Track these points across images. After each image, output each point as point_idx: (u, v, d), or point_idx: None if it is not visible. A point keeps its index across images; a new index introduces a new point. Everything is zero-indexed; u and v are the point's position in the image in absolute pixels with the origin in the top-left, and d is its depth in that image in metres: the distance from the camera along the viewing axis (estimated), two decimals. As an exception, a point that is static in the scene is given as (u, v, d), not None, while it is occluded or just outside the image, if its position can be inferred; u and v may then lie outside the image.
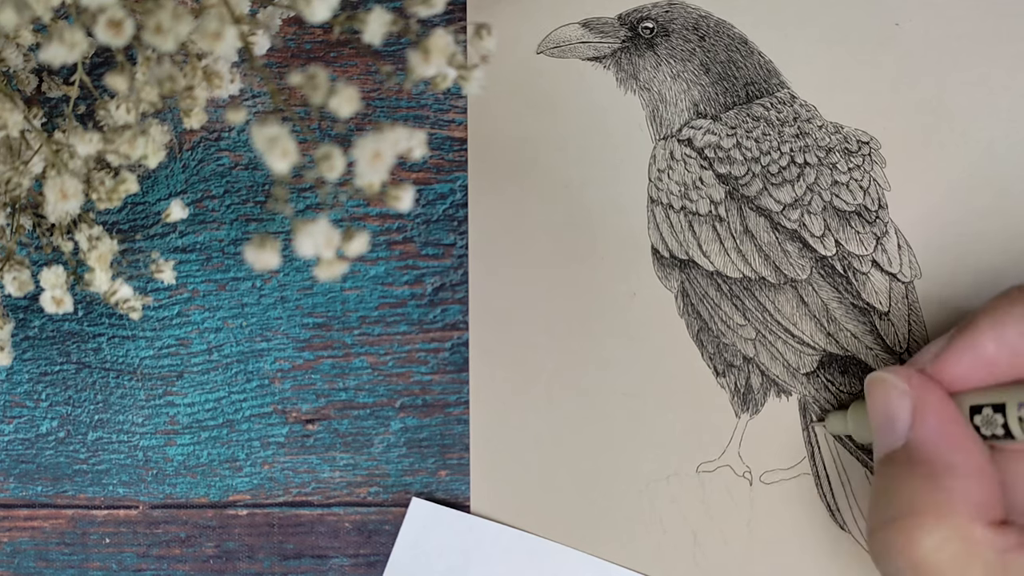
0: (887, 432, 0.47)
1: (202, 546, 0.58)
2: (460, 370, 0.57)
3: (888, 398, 0.47)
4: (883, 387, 0.48)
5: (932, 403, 0.46)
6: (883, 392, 0.48)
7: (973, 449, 0.45)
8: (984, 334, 0.46)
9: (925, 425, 0.46)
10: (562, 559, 0.55)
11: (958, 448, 0.45)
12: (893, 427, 0.47)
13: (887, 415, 0.47)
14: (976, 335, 0.47)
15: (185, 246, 0.58)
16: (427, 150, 0.41)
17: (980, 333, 0.47)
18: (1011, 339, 0.46)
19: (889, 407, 0.47)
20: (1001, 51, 0.56)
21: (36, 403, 0.59)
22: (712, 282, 0.56)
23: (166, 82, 0.43)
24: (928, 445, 0.46)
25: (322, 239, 0.39)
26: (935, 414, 0.46)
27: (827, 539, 0.55)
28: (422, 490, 0.57)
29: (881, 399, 0.48)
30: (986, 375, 0.47)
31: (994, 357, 0.46)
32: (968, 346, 0.47)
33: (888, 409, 0.47)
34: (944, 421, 0.46)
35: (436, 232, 0.58)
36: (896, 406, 0.47)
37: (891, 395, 0.47)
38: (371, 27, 0.40)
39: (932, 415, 0.46)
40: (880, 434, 0.48)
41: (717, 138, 0.56)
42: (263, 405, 0.58)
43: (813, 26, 0.57)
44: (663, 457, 0.56)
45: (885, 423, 0.47)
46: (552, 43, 0.58)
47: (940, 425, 0.46)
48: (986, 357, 0.46)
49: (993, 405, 0.45)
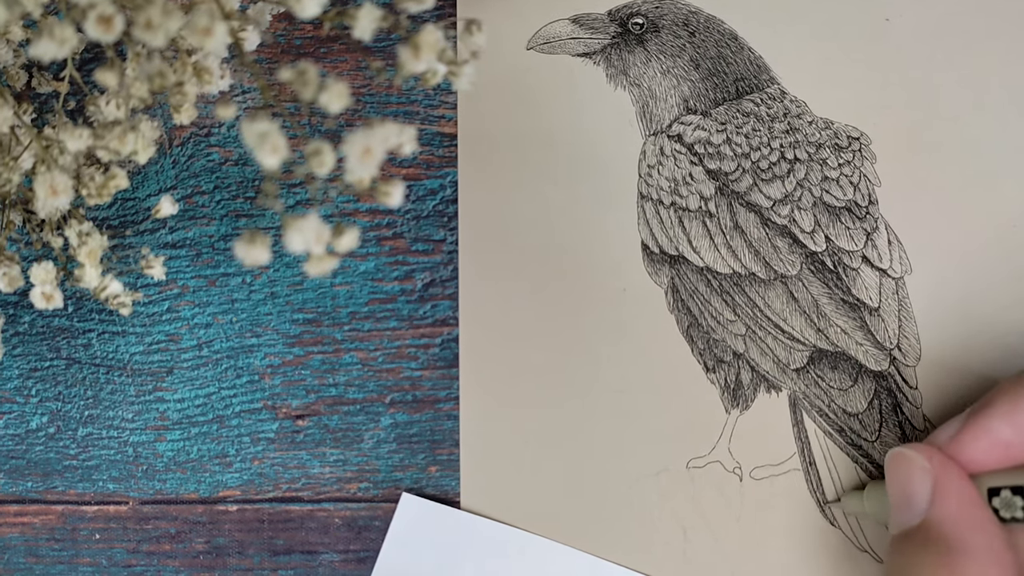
0: (905, 509, 0.47)
1: (192, 542, 0.58)
2: (450, 366, 0.57)
3: (909, 475, 0.47)
4: (905, 464, 0.48)
5: (952, 483, 0.46)
6: (904, 469, 0.48)
7: (991, 531, 0.45)
8: (1000, 418, 0.47)
9: (945, 504, 0.46)
10: (552, 555, 0.56)
11: (976, 530, 0.45)
12: (911, 504, 0.47)
13: (906, 492, 0.47)
14: (991, 419, 0.47)
15: (175, 242, 0.58)
16: (417, 146, 0.41)
17: (995, 417, 0.47)
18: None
19: (910, 484, 0.47)
20: (991, 46, 0.56)
21: (26, 399, 0.59)
22: (702, 278, 0.56)
23: (156, 78, 0.43)
24: (946, 525, 0.45)
25: (312, 235, 0.39)
26: (955, 494, 0.46)
27: (817, 534, 0.55)
28: (412, 486, 0.57)
29: (903, 475, 0.48)
30: (1003, 457, 0.47)
31: (1009, 441, 0.46)
32: (983, 429, 0.47)
33: (908, 486, 0.47)
34: (963, 502, 0.46)
35: (426, 228, 0.58)
36: (916, 483, 0.47)
37: (912, 472, 0.47)
38: (361, 23, 0.40)
39: (952, 495, 0.46)
40: (898, 511, 0.48)
41: (707, 134, 0.56)
42: (253, 401, 0.58)
43: (803, 22, 0.57)
44: (653, 453, 0.56)
45: (904, 500, 0.47)
46: (542, 39, 0.58)
47: (959, 506, 0.46)
48: (1001, 441, 0.47)
49: (1012, 488, 0.45)
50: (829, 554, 0.55)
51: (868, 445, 0.55)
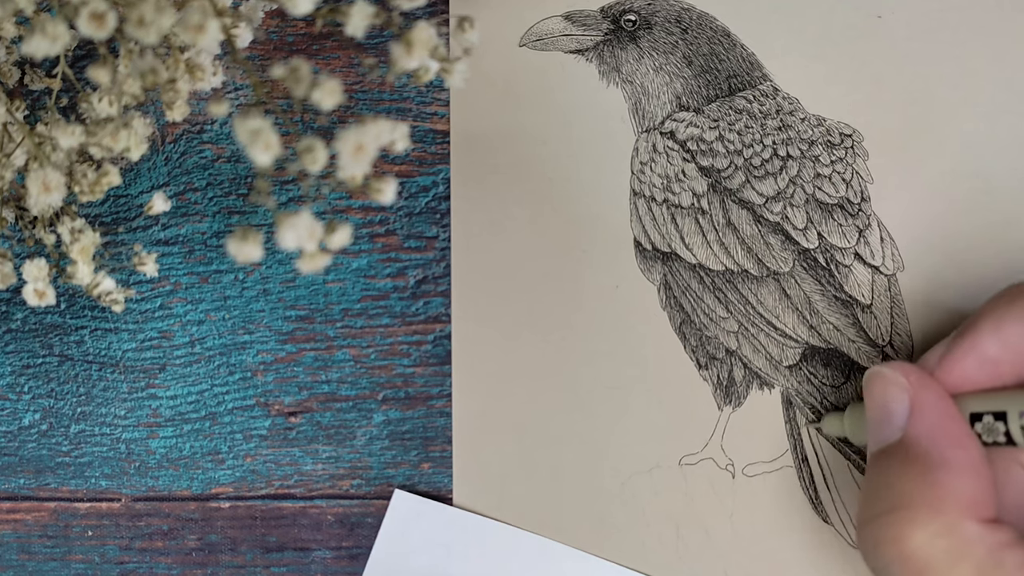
0: (883, 426, 0.47)
1: (184, 539, 0.58)
2: (443, 363, 0.57)
3: (886, 392, 0.47)
4: (882, 381, 0.48)
5: (930, 399, 0.46)
6: (881, 386, 0.48)
7: (969, 446, 0.45)
8: (985, 335, 0.47)
9: (922, 420, 0.46)
10: (544, 552, 0.56)
11: (954, 444, 0.45)
12: (889, 421, 0.47)
13: (884, 409, 0.47)
14: (977, 336, 0.47)
15: (167, 239, 0.58)
16: (409, 143, 0.41)
17: (981, 334, 0.47)
18: (1012, 339, 0.46)
19: (887, 401, 0.47)
20: (984, 43, 0.56)
21: (19, 396, 0.58)
22: (695, 275, 0.56)
23: (148, 75, 0.43)
24: (924, 440, 0.45)
25: (305, 232, 0.39)
26: (932, 410, 0.46)
27: (809, 531, 0.55)
28: (404, 483, 0.57)
29: (879, 393, 0.48)
30: (990, 376, 0.47)
31: (996, 357, 0.46)
32: (970, 347, 0.47)
33: (885, 403, 0.47)
34: (941, 417, 0.46)
35: (419, 225, 0.58)
36: (894, 400, 0.47)
37: (889, 389, 0.47)
38: (354, 20, 0.40)
39: (929, 411, 0.46)
40: (876, 428, 0.48)
41: (700, 131, 0.56)
42: (245, 398, 0.58)
43: (796, 19, 0.57)
44: (646, 450, 0.56)
45: (882, 417, 0.47)
46: (534, 36, 0.58)
47: (937, 421, 0.46)
48: (988, 358, 0.47)
49: (994, 413, 0.45)
50: (821, 550, 0.55)
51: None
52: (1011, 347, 0.46)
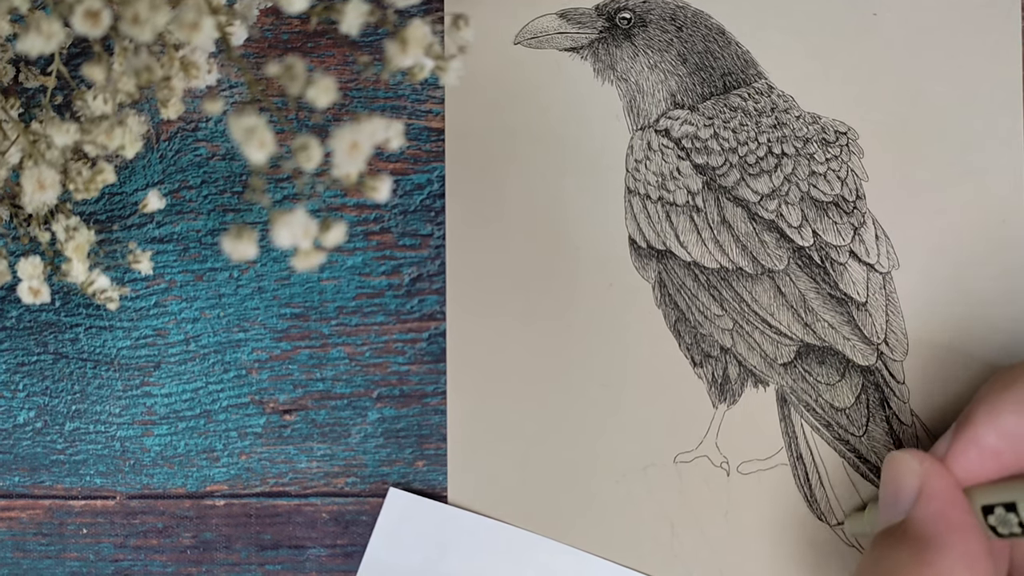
0: (891, 507, 0.48)
1: (179, 536, 0.58)
2: (437, 360, 0.57)
3: (899, 475, 0.48)
4: (896, 465, 0.49)
5: (939, 486, 0.47)
6: (895, 469, 0.49)
7: (969, 535, 0.45)
8: (981, 427, 0.47)
9: (928, 504, 0.47)
10: (539, 549, 0.56)
11: (954, 530, 0.45)
12: (897, 502, 0.48)
13: (894, 491, 0.48)
14: (975, 428, 0.47)
15: (162, 236, 0.58)
16: (404, 140, 0.41)
17: (978, 426, 0.47)
18: (1009, 428, 0.46)
19: (898, 483, 0.48)
20: (978, 41, 0.56)
21: (13, 393, 0.58)
22: (689, 272, 0.56)
23: (143, 72, 0.43)
24: (926, 523, 0.46)
25: (299, 229, 0.39)
26: (939, 496, 0.47)
27: (804, 529, 0.55)
28: (399, 480, 0.57)
29: (892, 475, 0.49)
30: (996, 467, 0.47)
31: (996, 448, 0.47)
32: (969, 440, 0.47)
33: (896, 485, 0.48)
34: (946, 504, 0.46)
35: (413, 222, 0.58)
36: (904, 482, 0.48)
37: (902, 472, 0.48)
38: (348, 17, 0.40)
39: (937, 496, 0.47)
40: (884, 509, 0.49)
41: (694, 128, 0.56)
42: (240, 395, 0.58)
43: (791, 16, 0.57)
44: (640, 448, 0.56)
45: (890, 499, 0.48)
46: (529, 34, 0.58)
47: (941, 507, 0.46)
48: (989, 449, 0.47)
49: (1004, 504, 0.46)
50: (816, 548, 0.55)
51: (855, 440, 0.55)
52: (1009, 437, 0.47)
